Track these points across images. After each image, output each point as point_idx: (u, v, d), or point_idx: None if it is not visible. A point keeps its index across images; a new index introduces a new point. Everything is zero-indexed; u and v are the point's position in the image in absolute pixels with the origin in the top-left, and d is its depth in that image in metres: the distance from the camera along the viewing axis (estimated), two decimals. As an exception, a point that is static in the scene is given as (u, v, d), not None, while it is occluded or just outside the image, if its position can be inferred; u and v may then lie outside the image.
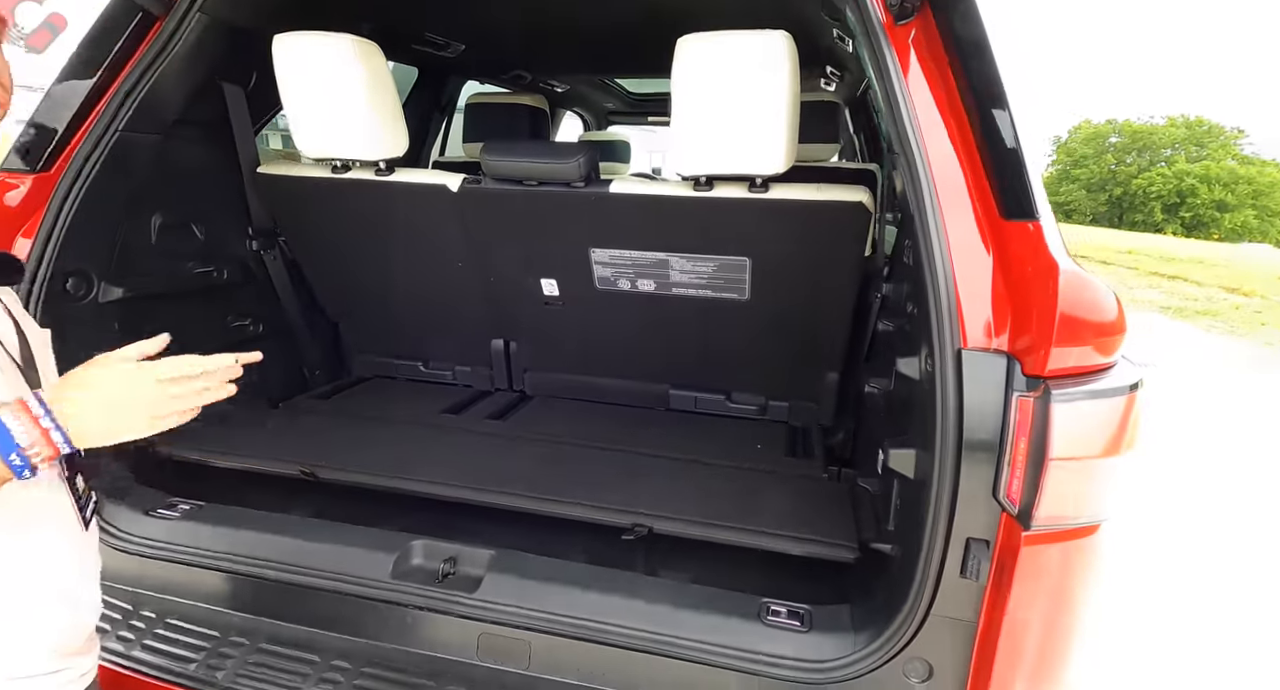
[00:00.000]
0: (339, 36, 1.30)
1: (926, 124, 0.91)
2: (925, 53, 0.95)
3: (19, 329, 0.75)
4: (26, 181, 1.21)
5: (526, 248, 1.52)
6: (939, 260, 0.85)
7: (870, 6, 0.96)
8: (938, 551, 0.85)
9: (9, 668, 0.70)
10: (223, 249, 1.53)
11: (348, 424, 1.56)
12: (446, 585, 1.12)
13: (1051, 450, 0.75)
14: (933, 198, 0.87)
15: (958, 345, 0.83)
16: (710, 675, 0.99)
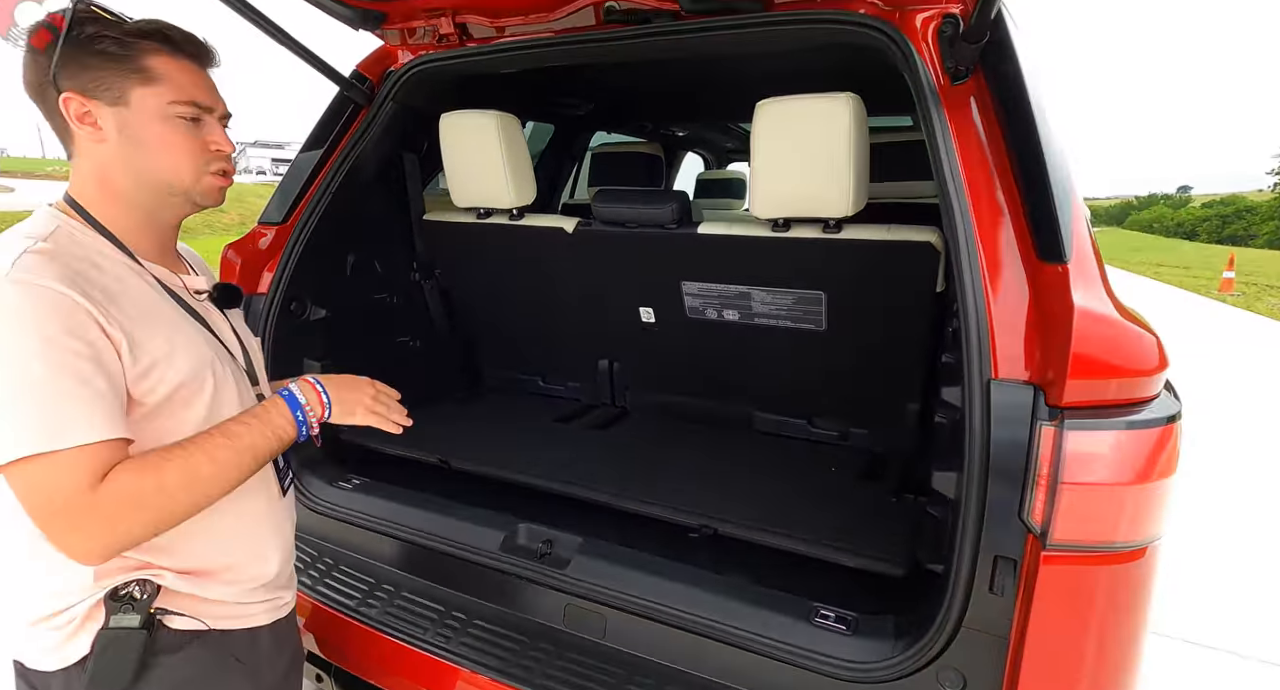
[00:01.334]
0: (485, 113, 1.63)
1: (972, 173, 1.00)
2: (976, 109, 1.05)
3: (240, 341, 1.00)
4: (272, 232, 1.66)
5: (628, 280, 1.75)
6: (971, 296, 0.93)
7: (923, 70, 1.07)
8: (965, 567, 0.92)
9: (241, 595, 0.93)
10: (394, 280, 1.93)
11: (477, 425, 1.88)
12: (542, 562, 1.35)
13: (1063, 474, 0.80)
14: (969, 239, 0.96)
15: (988, 376, 0.91)
16: (759, 663, 1.11)
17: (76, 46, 0.79)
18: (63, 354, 0.71)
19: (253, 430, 0.84)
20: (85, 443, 0.71)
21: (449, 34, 1.56)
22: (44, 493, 0.71)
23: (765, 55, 1.38)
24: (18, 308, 0.71)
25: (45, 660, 0.83)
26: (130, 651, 0.81)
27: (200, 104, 0.87)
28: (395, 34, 1.65)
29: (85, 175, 0.85)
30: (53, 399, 0.71)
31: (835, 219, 1.35)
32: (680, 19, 1.33)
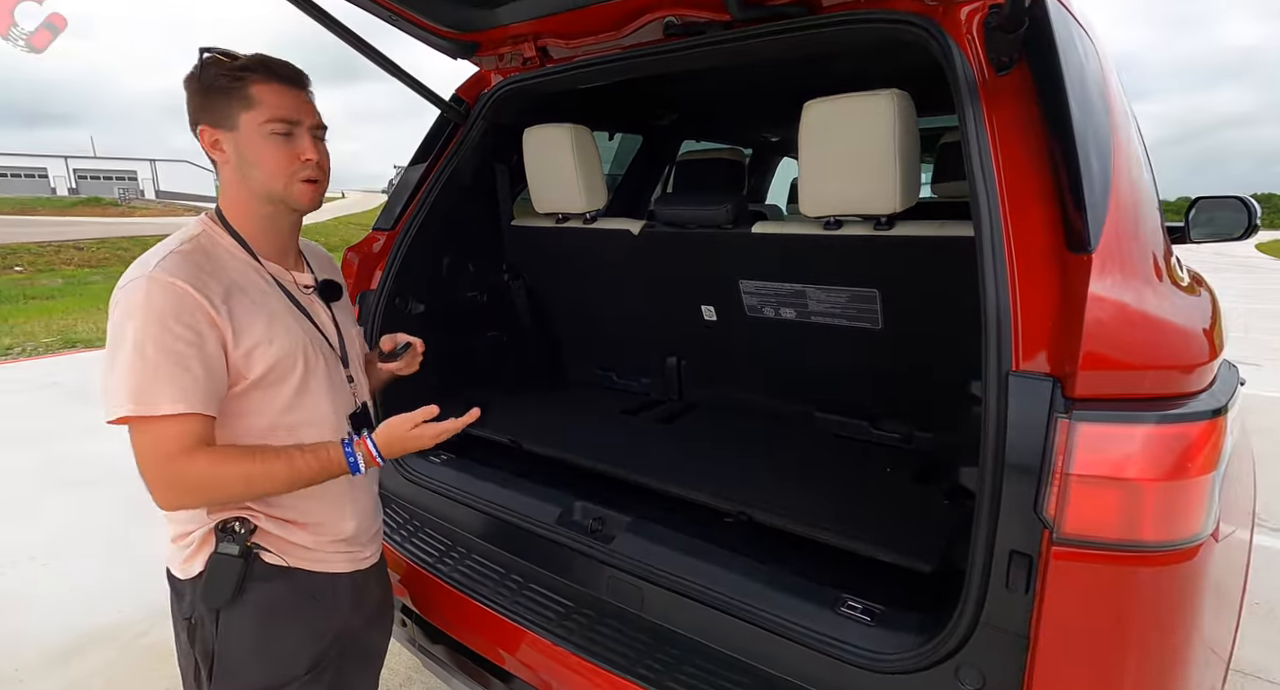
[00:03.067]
0: (560, 126, 1.79)
1: (1007, 164, 0.98)
2: (1019, 100, 1.02)
3: (338, 329, 1.16)
4: (383, 237, 1.93)
5: (690, 279, 1.82)
6: (993, 288, 0.92)
7: (961, 63, 1.06)
8: (980, 561, 0.90)
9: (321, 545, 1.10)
10: (484, 279, 2.14)
11: (551, 414, 2.03)
12: (592, 536, 1.46)
13: (1073, 466, 0.77)
14: (995, 230, 0.94)
15: (1007, 368, 0.89)
16: (781, 645, 1.14)
17: (205, 87, 0.98)
18: (173, 340, 0.89)
19: (308, 465, 0.99)
20: (170, 413, 0.89)
21: (531, 57, 1.74)
22: (140, 450, 0.92)
23: (818, 58, 1.41)
24: (150, 299, 0.90)
25: (179, 571, 1.05)
26: (231, 574, 1.01)
27: (289, 119, 1.00)
28: (489, 60, 1.86)
29: (224, 190, 1.06)
30: (154, 375, 0.89)
31: (885, 216, 1.35)
32: (733, 28, 1.40)
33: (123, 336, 0.90)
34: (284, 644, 1.07)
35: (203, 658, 1.05)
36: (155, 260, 0.94)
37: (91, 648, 2.27)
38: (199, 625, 1.04)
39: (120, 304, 0.92)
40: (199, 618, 1.04)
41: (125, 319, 0.90)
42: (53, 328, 8.18)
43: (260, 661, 1.06)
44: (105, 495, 3.46)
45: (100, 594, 2.56)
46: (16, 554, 2.87)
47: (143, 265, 0.94)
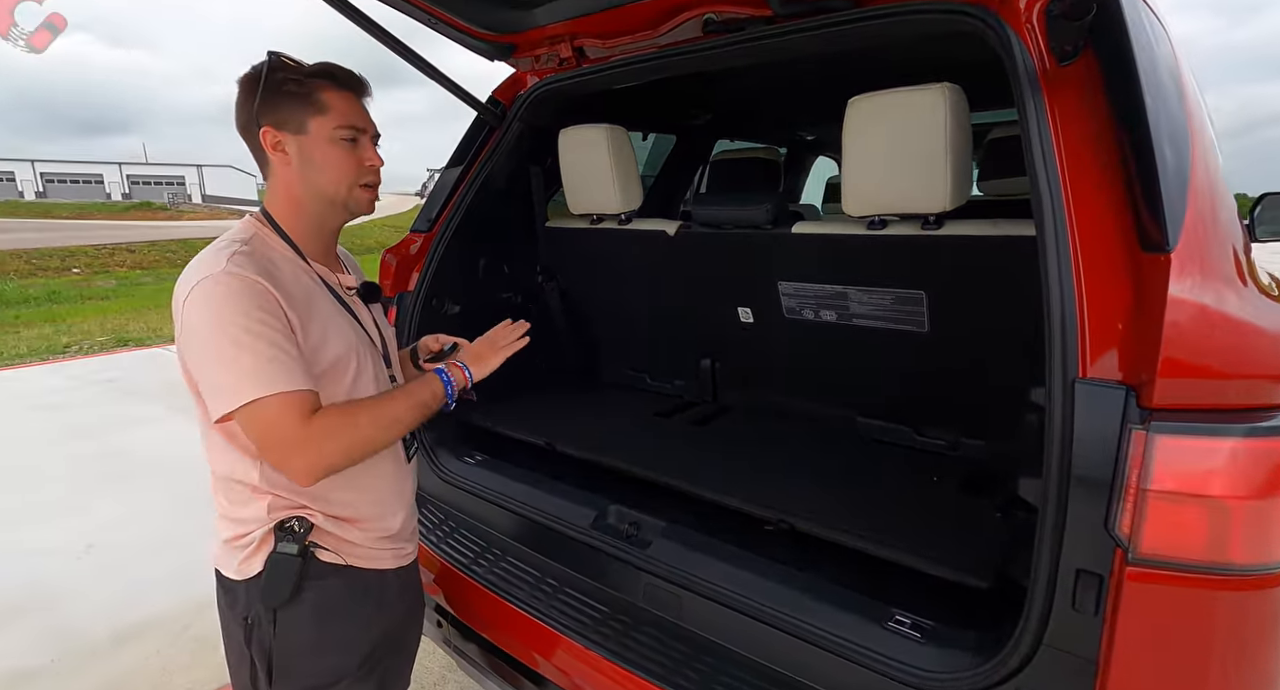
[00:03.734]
0: (596, 126, 1.78)
1: (1072, 158, 0.93)
2: (1084, 90, 0.96)
3: (379, 330, 1.19)
4: (420, 239, 1.94)
5: (726, 281, 1.79)
6: (1057, 290, 0.86)
7: (1020, 52, 1.01)
8: (1044, 579, 0.85)
9: (371, 542, 1.12)
10: (519, 281, 2.14)
11: (584, 415, 2.02)
12: (628, 541, 1.44)
13: (1150, 482, 0.72)
14: (1059, 228, 0.89)
15: (1073, 374, 0.84)
16: (826, 660, 1.10)
17: (270, 90, 1.00)
18: (266, 328, 0.93)
19: (418, 389, 1.09)
20: (289, 390, 0.93)
21: (568, 57, 1.73)
22: (269, 428, 0.93)
23: (860, 53, 1.36)
24: (234, 293, 0.93)
25: (234, 572, 1.06)
26: (290, 573, 1.03)
27: (357, 127, 1.05)
28: (525, 62, 1.86)
29: (275, 192, 1.07)
30: (264, 359, 0.92)
31: (934, 215, 1.30)
32: (775, 24, 1.36)
33: (215, 333, 0.92)
34: (339, 642, 1.09)
35: (260, 657, 1.06)
36: (224, 258, 0.95)
37: (140, 638, 2.34)
38: (256, 625, 1.05)
39: (200, 303, 0.92)
40: (256, 617, 1.05)
41: (212, 316, 0.92)
42: (107, 327, 8.53)
43: (316, 660, 1.08)
44: (153, 486, 3.58)
45: (148, 584, 2.65)
46: (75, 543, 2.99)
47: (210, 264, 0.95)
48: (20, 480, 3.71)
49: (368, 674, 1.13)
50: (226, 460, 1.03)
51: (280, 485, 1.03)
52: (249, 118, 1.02)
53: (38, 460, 4.00)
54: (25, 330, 8.30)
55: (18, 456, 4.06)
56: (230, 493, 1.05)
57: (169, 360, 6.63)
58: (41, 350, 7.10)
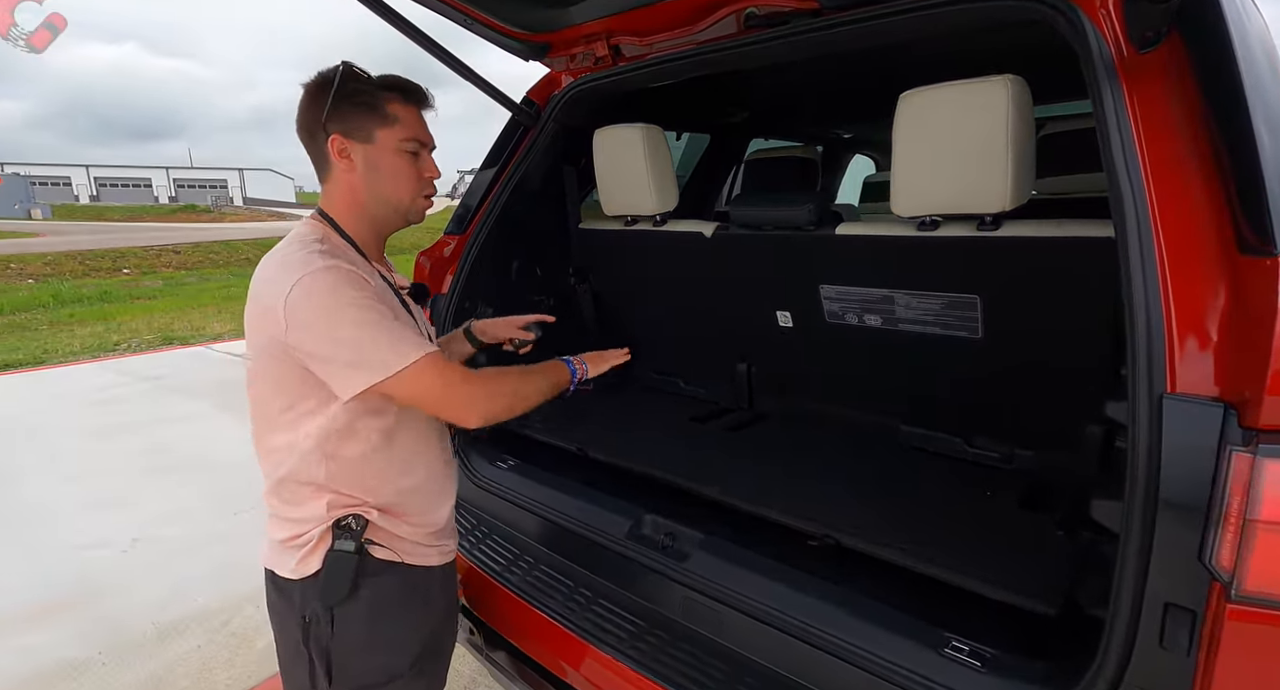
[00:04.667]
0: (631, 126, 1.74)
1: (1155, 153, 0.85)
2: (1168, 80, 0.89)
3: (428, 331, 1.22)
4: (454, 241, 1.93)
5: (765, 284, 1.73)
6: (1142, 296, 0.79)
7: (1095, 39, 0.93)
8: (1125, 612, 0.78)
9: (420, 537, 1.14)
10: (552, 283, 2.12)
11: (617, 420, 1.98)
12: (664, 553, 1.39)
13: (1258, 511, 0.65)
14: (1142, 229, 0.82)
15: (1161, 389, 0.77)
16: (877, 685, 1.04)
17: (341, 99, 1.02)
18: (374, 307, 0.97)
19: (551, 371, 1.20)
20: (426, 353, 0.98)
21: (604, 56, 1.70)
22: (435, 384, 0.99)
23: (909, 46, 1.29)
24: (341, 281, 0.96)
25: (291, 572, 1.07)
26: (348, 570, 1.05)
27: (420, 140, 1.09)
28: (559, 61, 1.84)
29: (337, 196, 1.08)
30: (398, 329, 0.98)
31: (992, 215, 1.22)
32: (821, 16, 1.31)
33: (338, 318, 0.95)
34: (392, 640, 1.11)
35: (319, 656, 1.07)
36: (314, 256, 0.97)
37: (182, 634, 2.39)
38: (314, 623, 1.06)
39: (307, 297, 0.94)
40: (313, 616, 1.06)
41: (329, 304, 0.94)
42: (154, 325, 8.84)
43: (371, 658, 1.09)
44: (196, 482, 3.67)
45: (189, 580, 2.71)
46: (121, 537, 3.08)
47: (303, 262, 0.96)
48: (70, 473, 3.85)
49: (418, 674, 1.14)
50: (288, 462, 1.04)
51: (340, 482, 1.05)
52: (315, 123, 1.04)
53: (88, 454, 4.15)
54: (79, 328, 8.65)
55: (69, 450, 4.22)
56: (287, 493, 1.07)
57: (213, 359, 6.83)
58: (94, 348, 7.39)
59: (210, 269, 16.66)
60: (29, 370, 6.44)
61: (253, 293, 1.02)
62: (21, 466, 3.98)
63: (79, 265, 15.27)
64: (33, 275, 13.81)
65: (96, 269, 15.37)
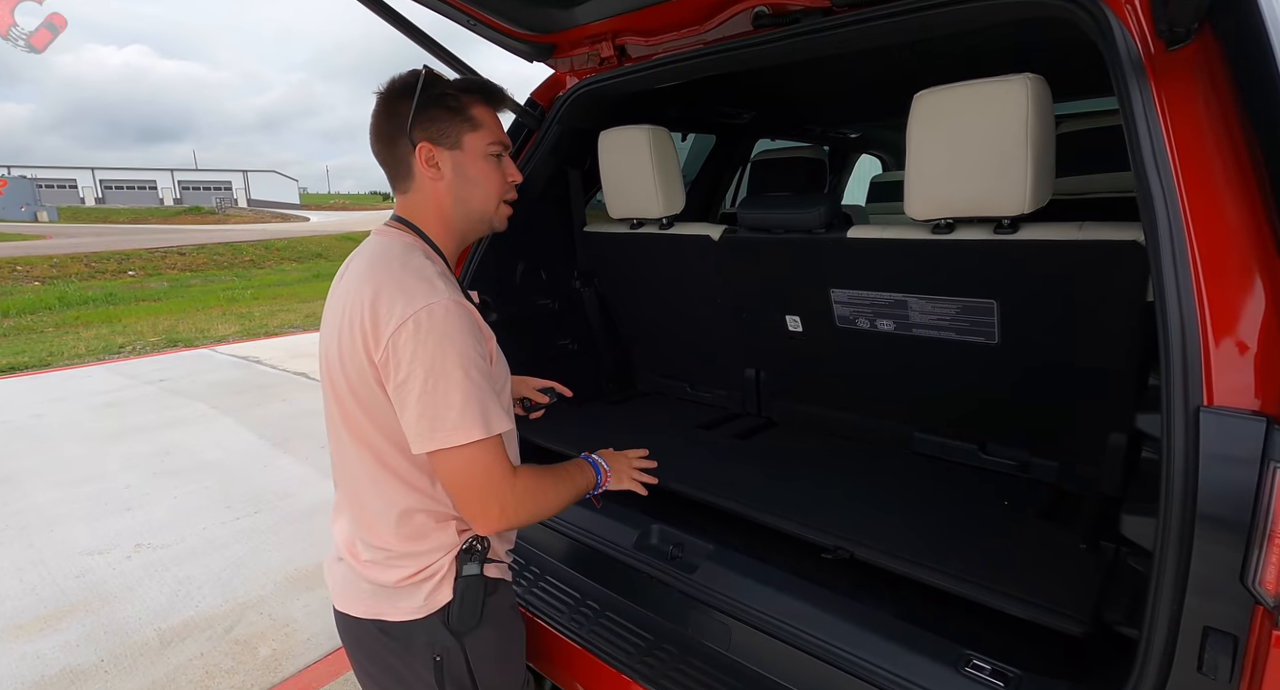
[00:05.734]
0: (638, 128, 1.71)
1: (1186, 153, 0.82)
2: (1200, 77, 0.85)
3: None
4: (457, 244, 1.90)
5: (774, 288, 1.70)
6: (1175, 304, 0.76)
7: (1121, 36, 0.90)
8: (1161, 635, 0.75)
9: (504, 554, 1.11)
10: (557, 287, 2.09)
11: (624, 427, 1.95)
12: (672, 564, 1.36)
13: (1300, 533, 0.62)
14: (1175, 233, 0.78)
15: (1197, 402, 0.73)
16: None
17: (426, 104, 0.96)
18: (481, 361, 0.91)
19: (581, 477, 1.14)
20: (502, 431, 0.92)
21: (609, 57, 1.67)
22: (480, 473, 0.91)
23: (922, 44, 1.26)
24: (462, 324, 0.89)
25: (411, 613, 0.99)
26: (478, 594, 1.01)
27: (504, 142, 1.05)
28: (563, 62, 1.81)
29: (421, 205, 1.02)
30: (484, 397, 0.90)
31: (1010, 218, 1.19)
32: (833, 15, 1.28)
33: (447, 363, 0.87)
34: (515, 654, 1.12)
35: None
36: (436, 283, 0.91)
37: (184, 641, 2.37)
38: (445, 659, 1.01)
39: (422, 332, 0.87)
40: (444, 651, 1.01)
41: (441, 344, 0.87)
42: (158, 327, 8.85)
43: (505, 679, 1.09)
44: (198, 487, 3.66)
45: (192, 585, 2.69)
46: (125, 541, 3.07)
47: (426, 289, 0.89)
48: (75, 477, 3.84)
49: (527, 683, 1.16)
50: (409, 494, 0.98)
51: None
52: (398, 131, 0.97)
53: (92, 458, 4.14)
54: (84, 330, 8.67)
55: (73, 454, 4.21)
56: (411, 528, 0.99)
57: (217, 361, 6.83)
58: (99, 351, 7.40)
59: (214, 271, 16.70)
60: (34, 373, 6.45)
61: (349, 307, 0.93)
62: (25, 470, 3.97)
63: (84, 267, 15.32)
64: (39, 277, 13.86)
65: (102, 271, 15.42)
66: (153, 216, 33.01)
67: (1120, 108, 0.87)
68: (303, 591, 2.63)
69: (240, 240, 21.02)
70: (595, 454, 1.22)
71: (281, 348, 7.44)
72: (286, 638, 2.36)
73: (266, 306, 10.89)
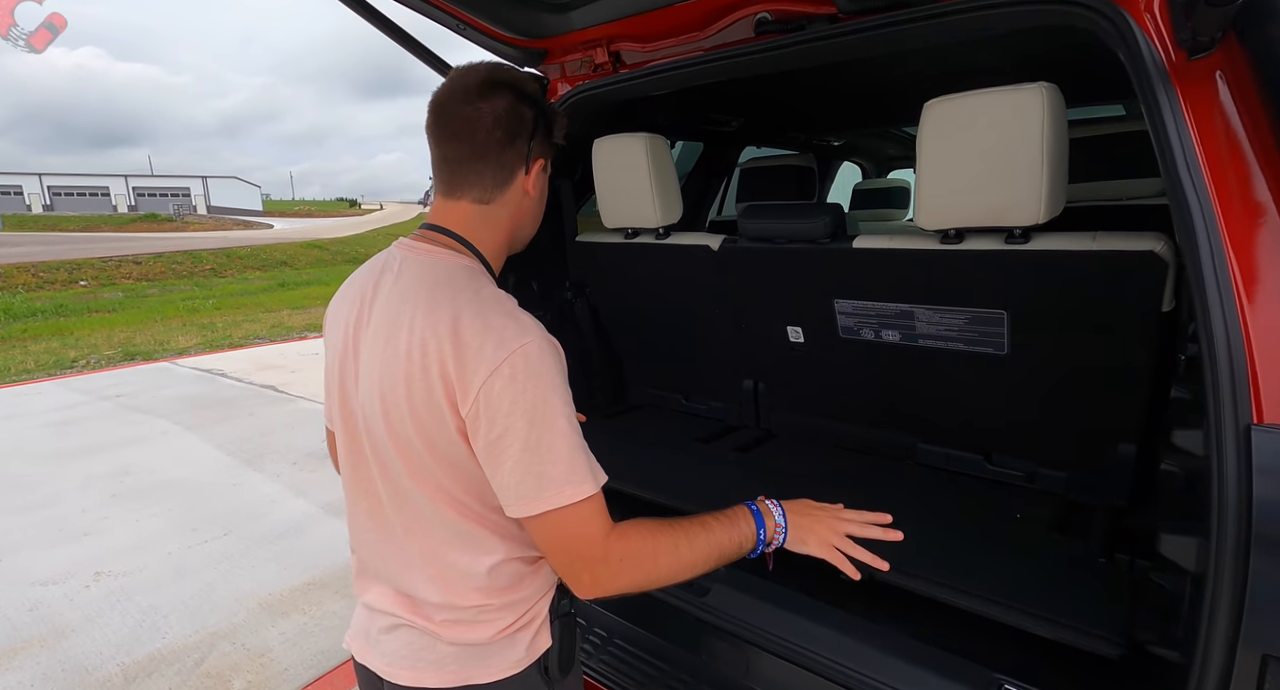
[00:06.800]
0: (634, 136, 1.67)
1: (1218, 163, 0.81)
2: (1226, 85, 0.85)
3: None
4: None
5: (775, 298, 1.67)
6: (1220, 318, 0.74)
7: (1146, 46, 0.89)
8: (1218, 662, 0.72)
9: None
10: (548, 298, 2.03)
11: (619, 441, 1.90)
12: (682, 588, 1.31)
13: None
14: (1214, 244, 0.77)
15: (1246, 420, 0.71)
16: None
17: (550, 119, 0.89)
18: (573, 407, 0.78)
19: (725, 531, 0.87)
20: (599, 489, 0.78)
21: (603, 63, 1.63)
22: (587, 532, 0.77)
23: (934, 51, 1.25)
24: (559, 366, 0.78)
25: (508, 669, 0.86)
26: (574, 634, 0.92)
27: None
28: (555, 68, 1.76)
29: (493, 222, 0.89)
30: (585, 449, 0.78)
31: (1022, 228, 1.18)
32: (838, 22, 1.26)
33: (549, 412, 0.75)
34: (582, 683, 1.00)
35: None
36: (527, 318, 0.79)
37: (151, 676, 2.22)
38: None
39: (520, 377, 0.74)
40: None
41: (542, 391, 0.75)
42: (114, 340, 8.47)
43: None
44: (162, 509, 3.48)
45: (158, 615, 2.54)
46: (83, 570, 2.89)
47: (520, 327, 0.77)
48: (26, 502, 3.62)
49: None
50: (501, 544, 0.84)
51: None
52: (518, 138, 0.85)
53: (45, 480, 3.91)
54: (33, 344, 8.25)
55: (24, 476, 3.97)
56: (503, 578, 0.85)
57: (179, 375, 6.55)
58: (49, 365, 7.04)
59: (173, 280, 16.12)
60: (-22, 390, 6.10)
61: (414, 347, 0.77)
62: (-29, 495, 3.73)
63: (31, 278, 14.63)
64: (-18, 289, 13.20)
65: (51, 281, 14.76)
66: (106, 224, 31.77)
67: (1147, 117, 0.86)
68: (278, 618, 2.50)
69: (200, 248, 20.36)
70: (775, 503, 0.95)
71: (247, 359, 7.19)
72: (263, 669, 2.24)
73: (230, 317, 10.53)
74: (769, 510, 0.92)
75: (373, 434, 0.84)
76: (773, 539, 0.91)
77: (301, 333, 8.88)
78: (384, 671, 0.89)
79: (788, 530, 0.92)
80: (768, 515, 0.91)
